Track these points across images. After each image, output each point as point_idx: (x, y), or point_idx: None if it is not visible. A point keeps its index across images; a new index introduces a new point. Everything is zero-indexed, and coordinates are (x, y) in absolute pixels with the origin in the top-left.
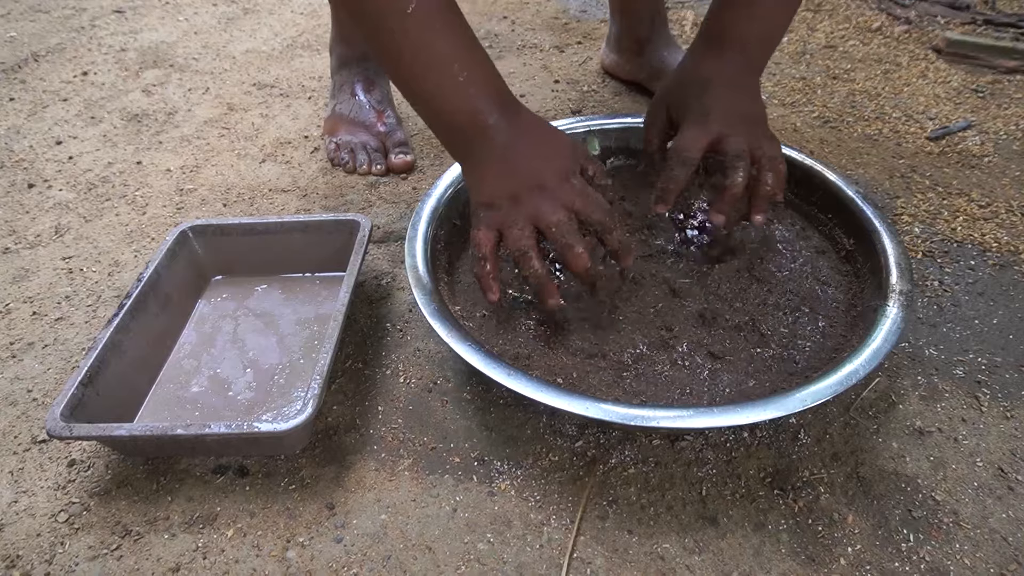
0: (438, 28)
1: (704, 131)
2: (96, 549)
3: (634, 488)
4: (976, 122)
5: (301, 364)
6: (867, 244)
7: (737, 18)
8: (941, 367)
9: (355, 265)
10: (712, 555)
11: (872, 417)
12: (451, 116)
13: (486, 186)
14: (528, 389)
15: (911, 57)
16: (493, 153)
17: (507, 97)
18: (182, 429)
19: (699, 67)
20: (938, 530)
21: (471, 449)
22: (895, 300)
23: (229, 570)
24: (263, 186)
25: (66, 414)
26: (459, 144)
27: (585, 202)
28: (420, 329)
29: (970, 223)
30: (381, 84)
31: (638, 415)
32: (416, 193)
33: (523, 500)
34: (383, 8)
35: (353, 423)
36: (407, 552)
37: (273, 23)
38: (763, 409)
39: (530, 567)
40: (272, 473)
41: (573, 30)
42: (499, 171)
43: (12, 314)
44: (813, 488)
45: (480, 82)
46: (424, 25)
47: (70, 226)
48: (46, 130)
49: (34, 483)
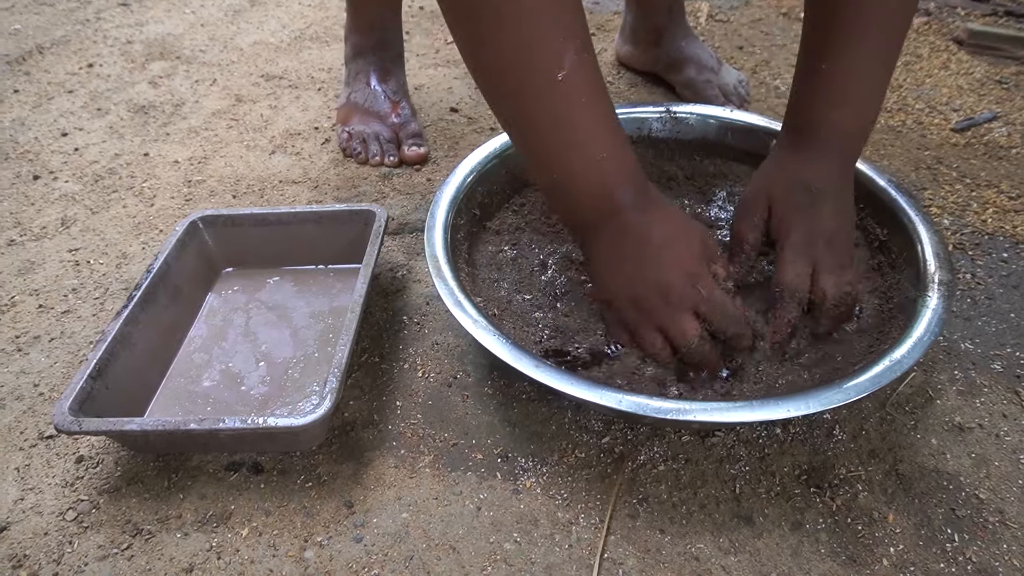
0: (584, 102)
1: (808, 261)
2: (106, 548)
3: (665, 486)
4: (1002, 113)
5: (316, 358)
6: (903, 234)
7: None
8: (978, 361)
9: (372, 256)
10: (749, 555)
11: (909, 413)
12: (582, 195)
13: (608, 280)
14: (558, 382)
15: (932, 48)
16: (623, 240)
17: (642, 182)
18: (195, 424)
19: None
20: (984, 529)
21: (494, 445)
22: (936, 290)
23: (245, 571)
24: (273, 177)
25: (74, 408)
26: (585, 223)
27: (712, 309)
28: (438, 322)
29: (1001, 215)
30: (397, 74)
31: (672, 408)
32: (430, 185)
33: (550, 498)
34: (528, 69)
35: (371, 418)
36: (430, 552)
37: (281, 15)
38: (805, 402)
39: (559, 568)
40: (287, 470)
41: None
42: (622, 265)
43: (18, 307)
44: (851, 486)
45: (619, 164)
46: (571, 97)
47: (76, 218)
48: (51, 122)
49: (41, 480)
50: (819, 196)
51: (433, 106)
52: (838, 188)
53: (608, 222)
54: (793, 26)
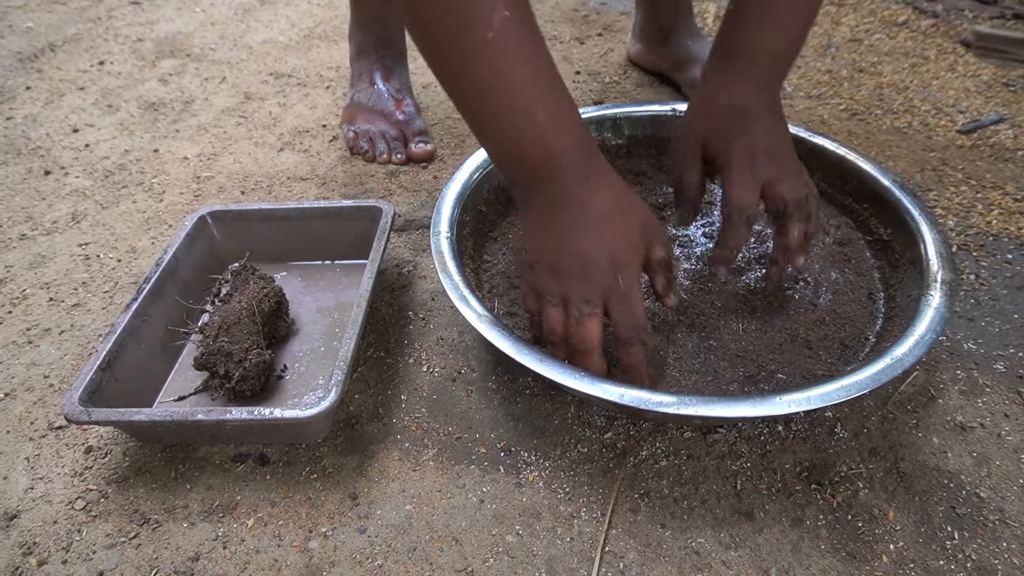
0: (519, 58)
1: (754, 178)
2: (114, 537)
3: (666, 481)
4: (1008, 116)
5: (322, 352)
6: (906, 233)
7: (761, 30)
8: (981, 361)
9: (378, 251)
10: (749, 550)
11: (911, 412)
12: (522, 157)
13: (536, 243)
14: (561, 376)
15: (939, 51)
16: (558, 206)
17: (589, 148)
18: (202, 414)
19: (730, 92)
20: (984, 528)
21: (497, 440)
22: (938, 289)
23: (250, 560)
24: (281, 174)
25: (84, 399)
26: (526, 185)
27: (620, 305)
28: (443, 318)
29: (1006, 216)
30: (400, 72)
31: (674, 403)
32: (437, 182)
33: (552, 492)
34: (457, 30)
35: (376, 412)
36: (433, 544)
37: (290, 14)
38: (807, 398)
39: (561, 560)
40: (293, 462)
41: (593, 22)
42: (553, 230)
43: (29, 300)
44: (852, 483)
45: (559, 127)
46: (504, 54)
47: (87, 213)
48: (63, 118)
49: (50, 470)
50: (749, 115)
51: (440, 104)
52: (767, 104)
53: (547, 186)
54: None
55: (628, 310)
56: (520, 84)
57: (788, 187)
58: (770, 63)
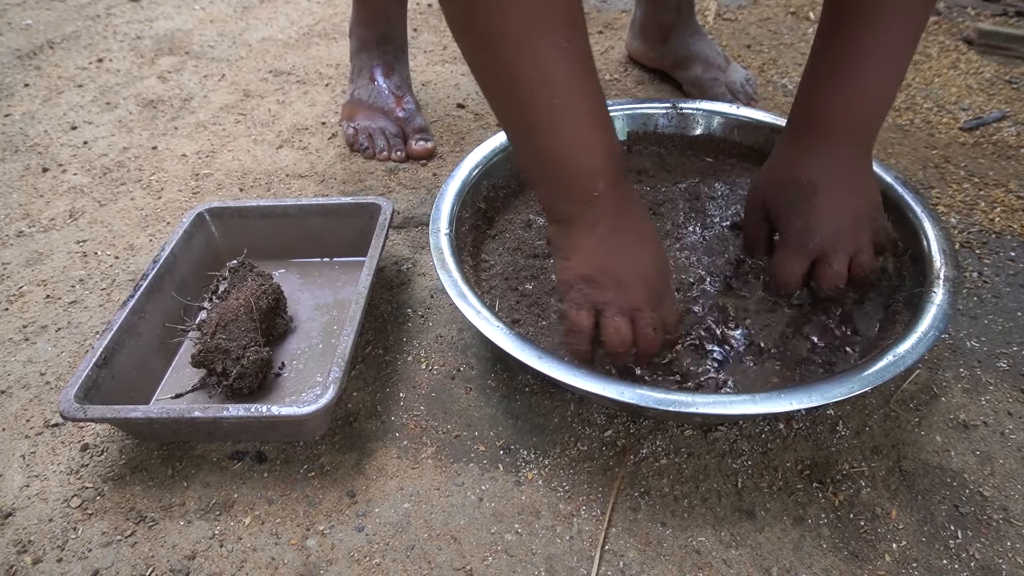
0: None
1: (804, 255)
2: (110, 535)
3: (667, 479)
4: (1011, 113)
5: (320, 349)
6: (909, 231)
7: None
8: (984, 359)
9: (377, 248)
10: (750, 549)
11: (913, 410)
12: (563, 170)
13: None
14: (560, 373)
15: (941, 48)
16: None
17: (621, 170)
18: (199, 412)
19: (802, 165)
20: (987, 527)
21: (496, 438)
22: (941, 286)
23: (247, 558)
24: (280, 171)
25: (80, 396)
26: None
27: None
28: (442, 315)
29: (1009, 214)
30: (400, 69)
31: (675, 400)
32: (436, 180)
33: (551, 490)
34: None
35: (374, 410)
36: (431, 542)
37: (289, 11)
38: (808, 395)
39: (560, 559)
40: (291, 460)
41: (593, 20)
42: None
43: (25, 297)
44: (854, 482)
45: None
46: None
47: (84, 210)
48: (61, 115)
49: (46, 467)
50: (815, 192)
51: (440, 102)
52: (842, 175)
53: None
54: (801, 25)
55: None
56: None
57: (836, 272)
58: (852, 129)
